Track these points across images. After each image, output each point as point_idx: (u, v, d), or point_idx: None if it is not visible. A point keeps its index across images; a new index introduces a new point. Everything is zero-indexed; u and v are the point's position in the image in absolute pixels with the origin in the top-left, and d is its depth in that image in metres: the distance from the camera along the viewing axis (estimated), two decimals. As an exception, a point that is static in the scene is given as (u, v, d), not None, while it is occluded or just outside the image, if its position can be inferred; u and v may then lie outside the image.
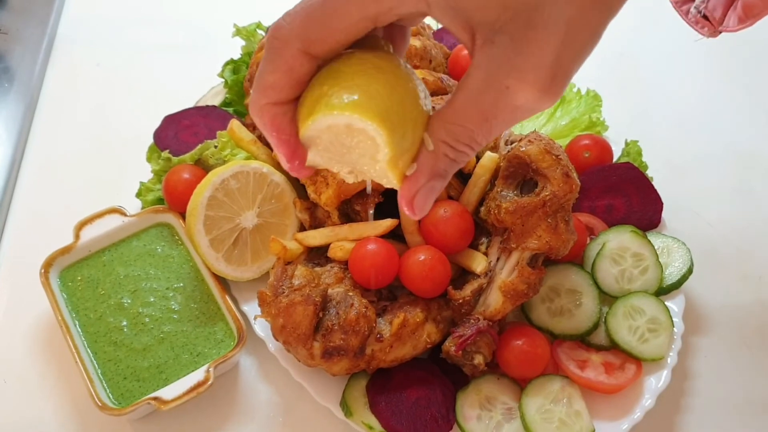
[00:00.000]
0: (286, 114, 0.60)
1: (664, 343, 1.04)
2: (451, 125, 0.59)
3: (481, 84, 0.57)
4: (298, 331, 0.94)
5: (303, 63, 0.58)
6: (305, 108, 0.59)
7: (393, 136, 0.57)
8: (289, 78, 0.59)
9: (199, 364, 1.01)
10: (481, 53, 0.56)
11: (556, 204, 0.98)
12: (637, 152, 1.22)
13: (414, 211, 0.62)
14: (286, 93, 0.60)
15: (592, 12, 0.56)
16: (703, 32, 0.98)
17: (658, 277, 1.09)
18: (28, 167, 1.27)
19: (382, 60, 0.59)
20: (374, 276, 1.00)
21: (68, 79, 1.39)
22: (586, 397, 1.01)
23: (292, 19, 0.58)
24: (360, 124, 0.56)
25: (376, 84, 0.57)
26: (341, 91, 0.57)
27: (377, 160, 0.58)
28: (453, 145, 0.59)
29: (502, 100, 0.57)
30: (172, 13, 1.51)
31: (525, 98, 0.56)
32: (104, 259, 1.10)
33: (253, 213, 1.09)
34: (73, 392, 1.03)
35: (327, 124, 0.57)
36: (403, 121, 0.58)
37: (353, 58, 0.59)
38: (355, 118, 0.56)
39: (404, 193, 0.61)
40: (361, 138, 0.57)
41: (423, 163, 0.60)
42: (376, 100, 0.57)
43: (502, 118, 0.58)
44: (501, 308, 0.99)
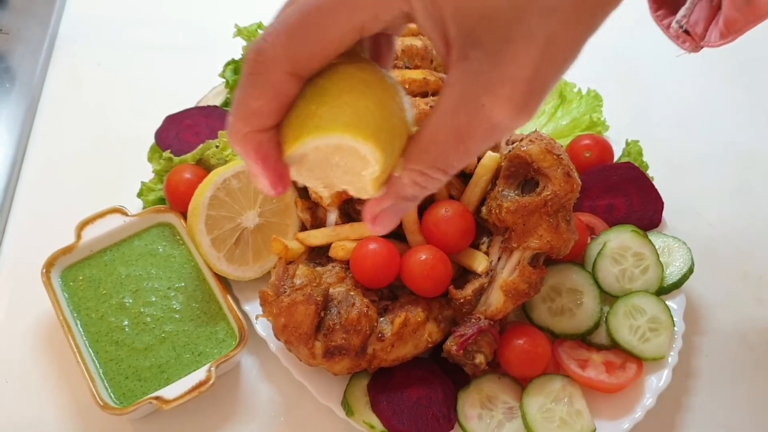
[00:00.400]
0: (271, 140, 0.56)
1: (664, 343, 1.04)
2: (424, 151, 0.56)
3: (455, 102, 0.54)
4: (300, 331, 0.95)
5: (291, 86, 0.54)
6: (291, 129, 0.56)
7: (384, 154, 0.55)
8: (276, 102, 0.55)
9: (201, 363, 1.02)
10: (456, 69, 0.54)
11: (557, 203, 0.98)
12: (638, 152, 1.22)
13: (375, 228, 0.61)
14: (273, 118, 0.56)
15: (576, 27, 0.53)
16: (685, 47, 0.97)
17: (659, 276, 1.09)
18: (30, 167, 1.27)
19: (368, 74, 0.57)
20: (375, 275, 1.00)
21: (69, 79, 1.39)
22: (587, 396, 1.01)
23: (274, 39, 0.54)
24: (352, 143, 0.55)
25: (364, 100, 0.55)
26: (330, 111, 0.54)
27: (362, 176, 0.57)
28: (425, 171, 0.57)
29: (478, 118, 0.54)
30: (174, 13, 1.51)
31: (501, 115, 0.53)
32: (106, 259, 1.10)
33: (254, 212, 1.09)
34: (75, 392, 1.03)
35: (315, 145, 0.55)
36: (392, 137, 0.57)
37: (338, 73, 0.56)
38: (346, 139, 0.54)
39: (368, 210, 0.60)
40: (350, 157, 0.56)
41: (393, 187, 0.58)
42: (366, 118, 0.55)
43: (479, 137, 0.55)
44: (502, 308, 0.99)
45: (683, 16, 0.94)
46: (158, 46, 1.45)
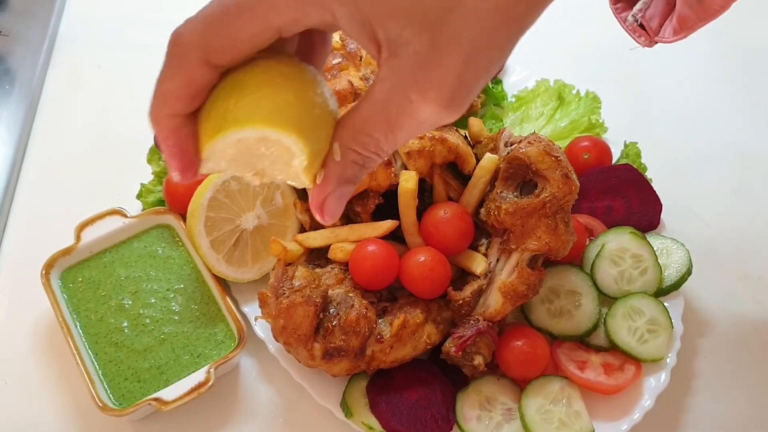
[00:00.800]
0: (186, 126, 0.57)
1: (663, 344, 1.05)
2: (358, 133, 0.58)
3: (386, 96, 0.56)
4: (299, 332, 0.95)
5: (203, 73, 0.56)
6: (210, 122, 0.56)
7: (308, 143, 0.56)
8: (189, 88, 0.56)
9: (200, 365, 1.02)
10: (387, 66, 0.55)
11: (556, 205, 0.98)
12: (636, 154, 1.22)
13: (324, 216, 0.62)
14: (186, 104, 0.57)
15: (500, 31, 0.55)
16: (640, 41, 0.99)
17: (658, 278, 1.10)
18: (29, 168, 1.27)
19: (287, 66, 0.58)
20: (374, 277, 1.00)
21: (69, 81, 1.39)
22: (586, 397, 1.01)
23: (192, 26, 0.56)
24: (274, 135, 0.55)
25: (284, 93, 0.56)
26: (250, 104, 0.55)
27: (290, 165, 0.58)
28: (360, 151, 0.59)
29: (406, 113, 0.56)
30: (173, 15, 1.48)
31: (428, 112, 0.56)
32: (105, 261, 1.10)
33: (253, 214, 1.09)
34: (74, 393, 1.04)
35: (237, 138, 0.56)
36: (317, 127, 0.58)
37: (257, 67, 0.57)
38: (268, 131, 0.55)
39: (314, 199, 0.61)
40: (274, 149, 0.56)
41: (331, 170, 0.60)
42: (285, 110, 0.56)
43: (407, 129, 0.58)
44: (501, 309, 1.00)
45: (639, 10, 0.96)
46: (158, 48, 1.42)
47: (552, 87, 1.30)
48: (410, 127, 0.58)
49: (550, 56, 1.40)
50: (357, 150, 0.59)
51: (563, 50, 1.31)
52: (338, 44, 1.13)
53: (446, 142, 1.05)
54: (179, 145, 0.58)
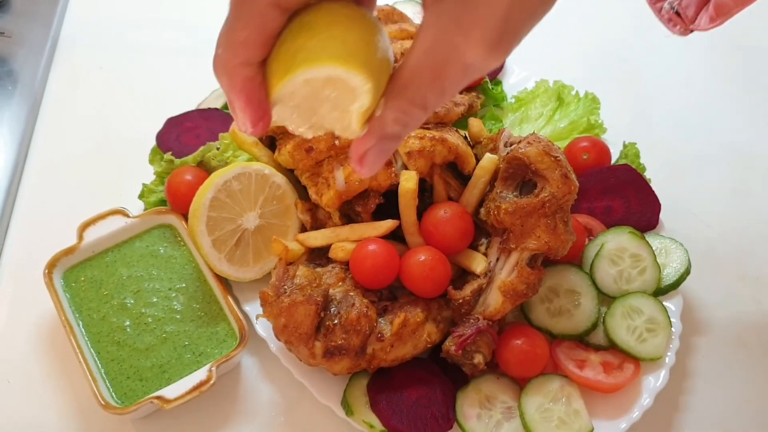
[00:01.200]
0: (257, 75, 0.57)
1: (662, 343, 1.05)
2: (403, 88, 0.58)
3: (430, 42, 0.56)
4: (300, 331, 0.95)
5: (275, 17, 0.55)
6: (280, 64, 0.56)
7: (375, 84, 0.56)
8: (261, 34, 0.55)
9: (202, 363, 1.02)
10: (431, 11, 0.55)
11: (555, 205, 0.99)
12: (635, 154, 1.23)
13: (362, 167, 0.61)
14: (259, 51, 0.56)
15: None
16: (675, 30, 0.99)
17: (656, 277, 1.10)
18: (32, 169, 1.27)
19: (352, 10, 0.58)
20: (375, 276, 1.01)
21: (71, 82, 1.40)
22: (585, 396, 1.02)
23: None
24: (344, 74, 0.55)
25: (352, 34, 0.56)
26: (321, 43, 0.55)
27: (349, 111, 0.57)
28: (405, 108, 0.58)
29: (452, 58, 0.56)
30: (175, 16, 1.52)
31: (474, 56, 0.55)
32: (107, 260, 1.11)
33: (255, 214, 1.10)
34: (77, 391, 1.04)
35: (306, 78, 0.55)
36: (380, 70, 0.57)
37: (322, 10, 0.57)
38: (339, 70, 0.55)
39: (355, 150, 0.60)
40: (340, 90, 0.56)
41: (375, 124, 0.59)
42: (356, 50, 0.55)
43: (453, 76, 0.57)
44: (500, 308, 1.00)
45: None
46: (159, 49, 1.46)
47: (551, 88, 1.31)
48: (456, 73, 0.57)
49: (550, 57, 1.41)
50: (401, 106, 0.58)
51: (562, 51, 1.32)
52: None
53: (446, 143, 1.06)
54: (253, 94, 0.57)
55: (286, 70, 0.55)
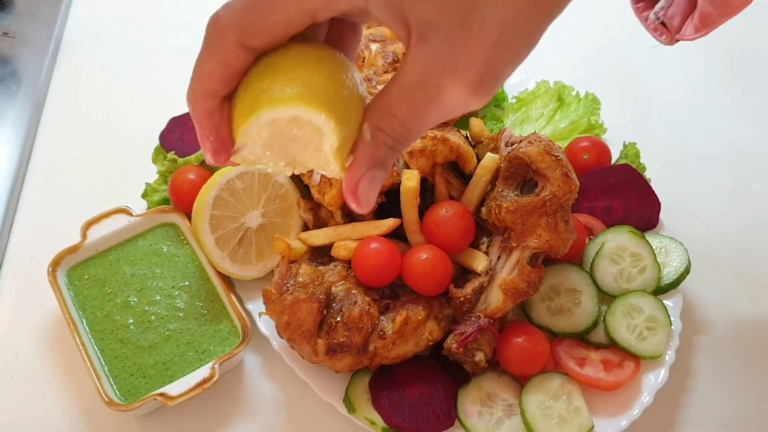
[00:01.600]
0: (220, 109, 0.59)
1: (662, 341, 1.06)
2: (386, 114, 0.59)
3: (413, 80, 0.57)
4: (303, 328, 0.96)
5: (239, 55, 0.57)
6: (245, 104, 0.58)
7: (339, 124, 0.57)
8: (225, 70, 0.58)
9: (205, 361, 1.03)
10: (416, 50, 0.56)
11: (556, 204, 1.00)
12: (635, 154, 1.24)
13: (359, 202, 0.62)
14: (223, 85, 0.58)
15: (529, 17, 0.56)
16: (661, 39, 1.00)
17: (656, 276, 1.11)
18: (35, 168, 1.28)
19: (319, 51, 0.59)
20: (377, 274, 1.01)
21: (74, 82, 1.41)
22: (586, 394, 1.02)
23: (230, 9, 0.58)
24: (307, 115, 0.56)
25: (317, 74, 0.57)
26: (284, 84, 0.56)
27: (321, 150, 0.58)
28: (389, 133, 0.60)
29: (433, 98, 0.57)
30: (177, 17, 1.53)
31: (455, 97, 0.57)
32: (111, 258, 1.11)
33: (257, 213, 1.10)
34: (80, 388, 1.05)
35: (270, 119, 0.57)
36: (347, 109, 0.58)
37: (290, 51, 0.58)
38: (301, 110, 0.56)
39: (347, 185, 0.61)
40: (306, 130, 0.57)
41: (362, 152, 0.60)
42: (319, 91, 0.57)
43: (434, 114, 0.59)
44: (501, 306, 1.01)
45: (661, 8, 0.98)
46: (162, 49, 1.47)
47: (552, 88, 1.32)
48: (437, 111, 0.58)
49: (550, 58, 1.41)
50: (386, 131, 0.60)
51: (563, 52, 1.33)
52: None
53: (448, 142, 1.06)
54: (213, 126, 0.60)
55: (249, 111, 0.57)
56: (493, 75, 0.56)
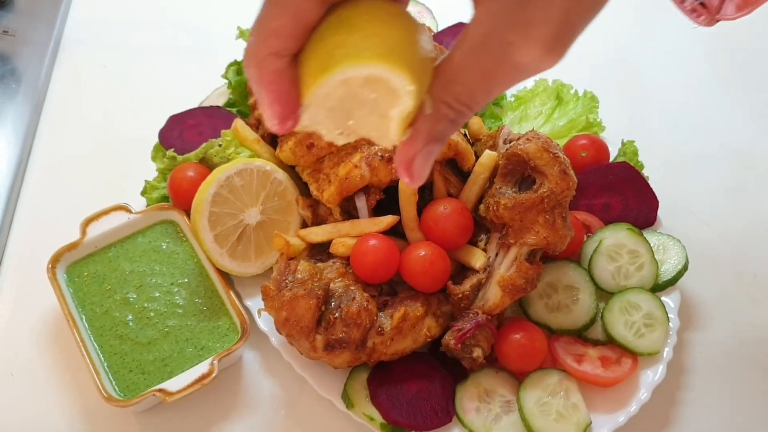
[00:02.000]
0: (289, 69, 0.53)
1: (659, 338, 1.06)
2: (450, 83, 0.54)
3: (481, 39, 0.53)
4: (301, 324, 0.96)
5: (313, 7, 0.52)
6: (316, 61, 0.52)
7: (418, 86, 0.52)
8: (296, 24, 0.52)
9: (204, 357, 1.03)
10: (483, 7, 0.52)
11: (554, 200, 1.00)
12: (634, 152, 1.24)
13: (412, 176, 0.58)
14: (292, 42, 0.53)
15: None
16: (700, 21, 0.97)
17: (654, 273, 1.11)
18: (35, 166, 1.29)
19: (392, 6, 0.54)
20: (375, 271, 1.02)
21: (74, 81, 1.41)
22: (583, 390, 1.02)
23: None
24: (386, 74, 0.51)
25: (396, 31, 0.52)
26: (362, 40, 0.51)
27: (386, 117, 0.54)
28: (451, 104, 0.55)
29: (504, 57, 0.52)
30: (177, 16, 1.54)
31: (528, 56, 0.52)
32: (110, 255, 1.12)
33: (256, 210, 1.11)
34: (80, 384, 1.05)
35: (344, 78, 0.51)
36: (422, 70, 0.53)
37: (363, 5, 0.53)
38: (381, 69, 0.51)
39: (401, 158, 0.57)
40: (380, 92, 0.52)
41: (421, 125, 0.55)
42: (399, 50, 0.51)
43: (503, 76, 0.54)
44: (499, 302, 1.01)
45: None
46: (162, 48, 1.47)
47: (550, 87, 1.32)
48: (507, 73, 0.54)
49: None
50: (449, 102, 0.55)
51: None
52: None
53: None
54: (282, 89, 0.54)
55: (323, 68, 0.52)
56: (569, 31, 0.52)
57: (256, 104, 1.19)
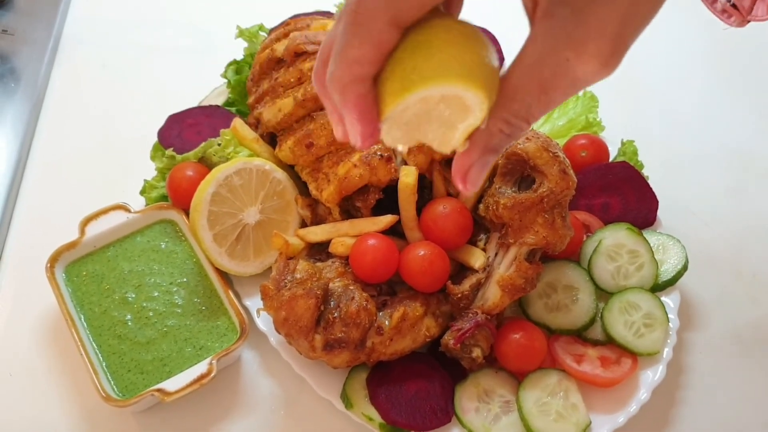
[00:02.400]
0: (370, 91, 0.58)
1: (659, 338, 1.06)
2: (508, 100, 0.58)
3: (539, 56, 0.56)
4: (300, 324, 0.96)
5: (391, 35, 0.56)
6: (396, 82, 0.56)
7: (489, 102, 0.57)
8: (377, 52, 0.56)
9: (202, 357, 1.03)
10: (540, 26, 0.56)
11: (553, 200, 1.00)
12: (633, 152, 1.24)
13: (467, 185, 0.62)
14: (373, 68, 0.57)
15: None
16: (730, 22, 0.97)
17: (654, 273, 1.11)
18: (34, 165, 1.28)
19: (462, 25, 0.58)
20: (375, 271, 1.02)
21: (74, 80, 1.41)
22: (583, 390, 1.02)
23: None
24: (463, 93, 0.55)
25: (469, 52, 0.56)
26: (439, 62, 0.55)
27: (454, 128, 0.58)
28: (509, 120, 0.59)
29: (562, 72, 0.56)
30: (177, 15, 1.53)
31: (585, 70, 0.56)
32: (109, 255, 1.11)
33: (255, 209, 1.10)
34: (78, 384, 1.05)
35: (422, 96, 0.55)
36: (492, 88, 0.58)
37: (436, 27, 0.57)
38: (459, 89, 0.55)
39: (459, 167, 0.61)
40: (454, 108, 0.56)
41: (477, 137, 0.59)
42: (474, 69, 0.55)
43: (562, 90, 0.57)
44: (499, 302, 1.01)
45: None
46: (161, 48, 1.47)
47: (550, 86, 1.32)
48: (564, 87, 0.57)
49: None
50: (506, 118, 0.58)
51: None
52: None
53: (445, 139, 1.06)
54: (366, 110, 0.58)
55: (403, 88, 0.56)
56: (623, 44, 0.55)
57: (254, 103, 1.19)
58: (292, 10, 1.32)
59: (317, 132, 1.07)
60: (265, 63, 1.18)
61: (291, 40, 1.15)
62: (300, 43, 1.14)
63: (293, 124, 1.12)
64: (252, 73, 1.22)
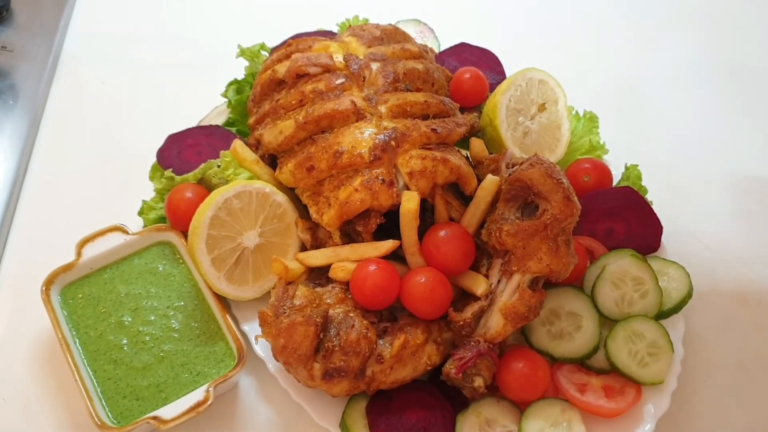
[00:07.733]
0: None
1: (663, 368, 1.04)
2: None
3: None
4: (299, 352, 0.94)
5: None
6: None
7: None
8: None
9: (199, 383, 1.01)
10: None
11: (557, 227, 0.98)
12: (637, 176, 1.23)
13: None
14: None
15: None
16: None
17: (658, 301, 1.10)
18: (31, 183, 1.27)
19: None
20: (375, 297, 1.00)
21: (73, 96, 1.40)
22: (586, 420, 1.00)
23: None
24: None
25: None
26: None
27: None
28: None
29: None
30: (177, 33, 1.53)
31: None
32: (105, 277, 1.10)
33: (255, 233, 1.09)
34: (72, 410, 1.03)
35: None
36: None
37: None
38: None
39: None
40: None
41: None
42: None
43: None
44: (501, 331, 0.99)
45: None
46: (161, 65, 1.46)
47: (553, 109, 1.31)
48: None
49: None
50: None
51: (565, 75, 1.32)
52: (341, 64, 1.14)
53: (448, 163, 1.05)
54: None
55: None
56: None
57: (255, 124, 1.17)
58: (294, 29, 1.31)
59: (318, 155, 1.06)
60: (267, 84, 1.17)
61: (293, 61, 1.14)
62: (302, 65, 1.13)
63: (294, 146, 1.11)
64: (253, 93, 1.21)
